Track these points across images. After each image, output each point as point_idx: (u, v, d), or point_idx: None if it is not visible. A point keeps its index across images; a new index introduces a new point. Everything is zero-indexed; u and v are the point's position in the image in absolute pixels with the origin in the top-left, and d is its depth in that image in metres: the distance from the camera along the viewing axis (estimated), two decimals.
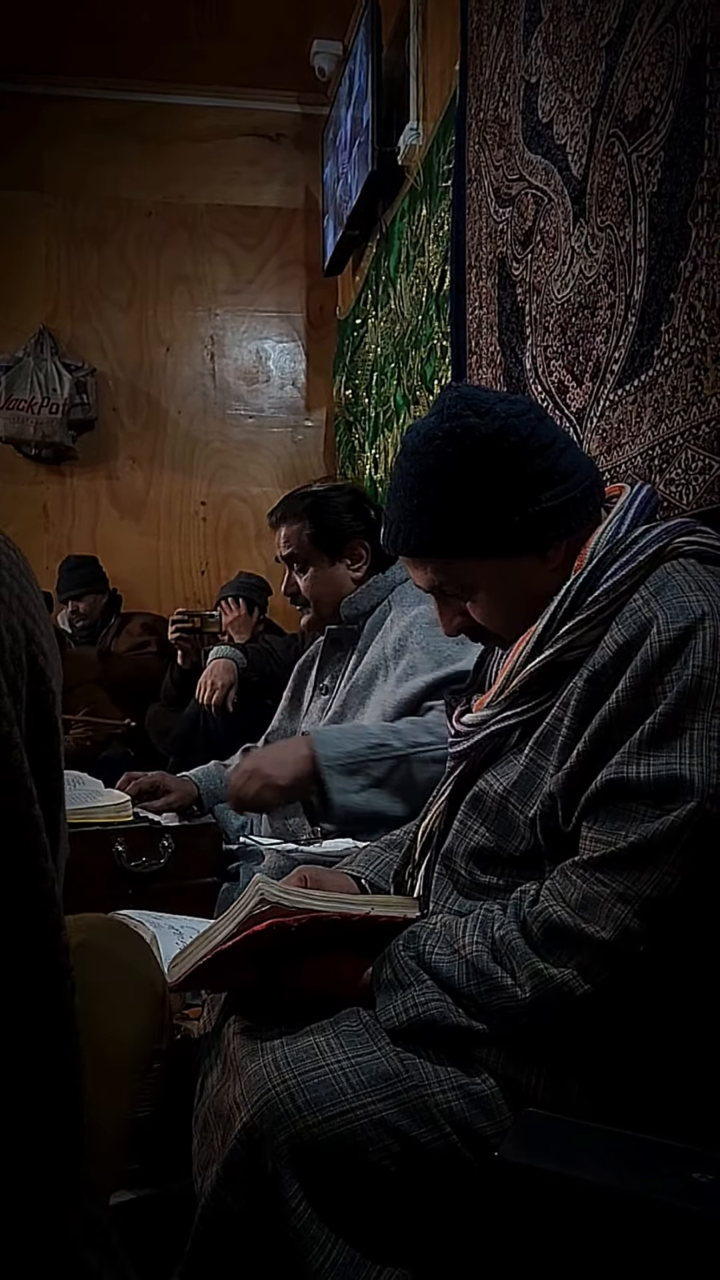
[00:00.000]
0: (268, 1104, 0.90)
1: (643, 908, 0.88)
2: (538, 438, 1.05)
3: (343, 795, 1.56)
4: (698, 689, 0.89)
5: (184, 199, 4.52)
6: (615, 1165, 0.70)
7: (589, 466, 1.12)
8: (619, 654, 0.94)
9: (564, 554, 1.07)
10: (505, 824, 1.03)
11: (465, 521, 1.05)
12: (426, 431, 1.08)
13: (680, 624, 0.92)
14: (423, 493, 1.07)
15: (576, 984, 0.89)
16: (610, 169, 1.66)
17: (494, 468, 1.04)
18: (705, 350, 1.38)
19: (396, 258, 3.21)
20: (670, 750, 0.89)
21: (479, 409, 1.05)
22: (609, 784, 0.92)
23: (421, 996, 0.96)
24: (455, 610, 1.14)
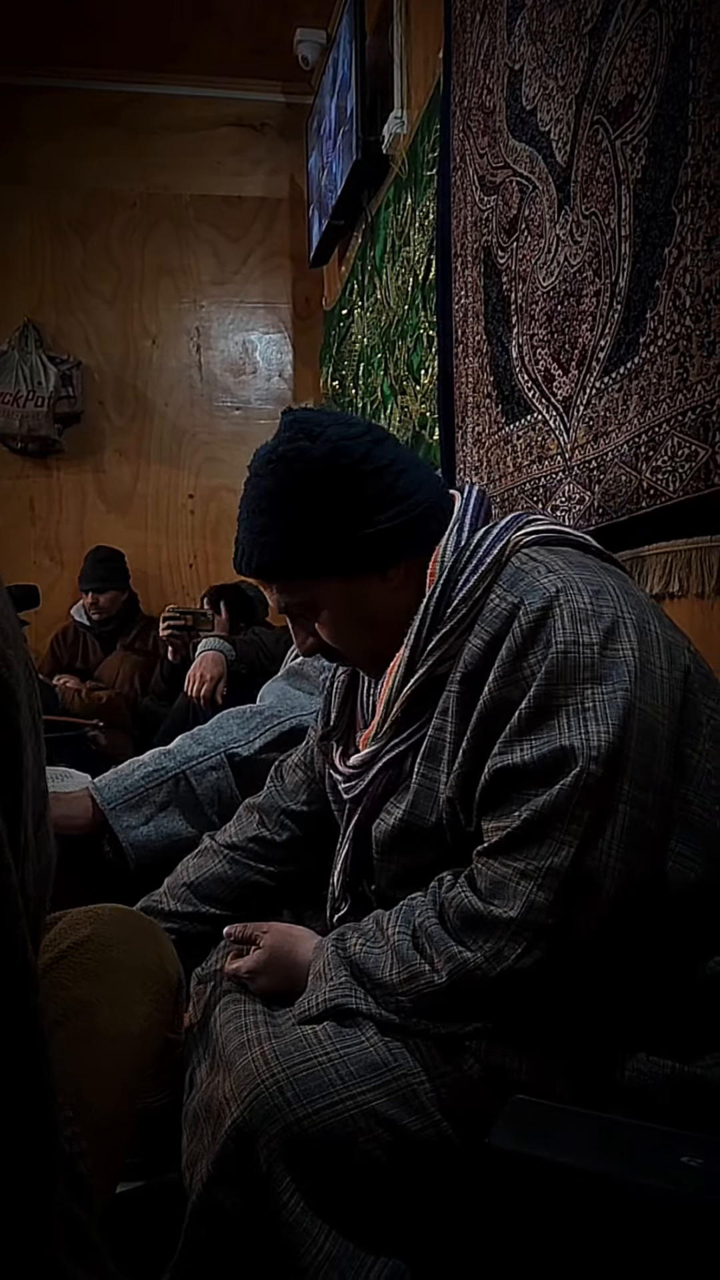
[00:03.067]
0: (258, 1099, 0.90)
1: (545, 880, 0.89)
2: (372, 460, 1.06)
3: (131, 832, 1.56)
4: (564, 664, 0.91)
5: (168, 190, 4.50)
6: (605, 1150, 0.70)
7: (433, 486, 1.11)
8: (487, 649, 0.96)
9: (404, 575, 1.08)
10: (412, 842, 1.05)
11: (303, 543, 1.06)
12: (264, 455, 1.10)
13: (538, 605, 0.94)
14: (262, 514, 1.08)
15: (490, 966, 0.90)
16: (594, 156, 1.66)
17: (326, 489, 1.04)
18: (690, 337, 1.38)
19: (382, 247, 3.20)
20: (549, 728, 0.91)
21: (311, 432, 1.06)
22: (497, 773, 0.94)
23: (332, 993, 0.98)
24: (307, 631, 1.15)
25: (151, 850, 1.58)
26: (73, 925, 0.97)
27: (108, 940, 0.96)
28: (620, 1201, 0.67)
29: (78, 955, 0.92)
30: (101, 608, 4.07)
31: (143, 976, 0.95)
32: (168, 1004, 0.98)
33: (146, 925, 1.05)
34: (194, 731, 1.68)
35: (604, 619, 0.93)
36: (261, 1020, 1.01)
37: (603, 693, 0.90)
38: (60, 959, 0.91)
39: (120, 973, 0.94)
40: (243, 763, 1.64)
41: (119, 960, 0.95)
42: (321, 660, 1.77)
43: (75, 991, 0.88)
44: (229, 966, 1.14)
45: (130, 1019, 0.91)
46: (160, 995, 0.96)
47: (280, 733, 1.68)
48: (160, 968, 0.99)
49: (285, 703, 1.72)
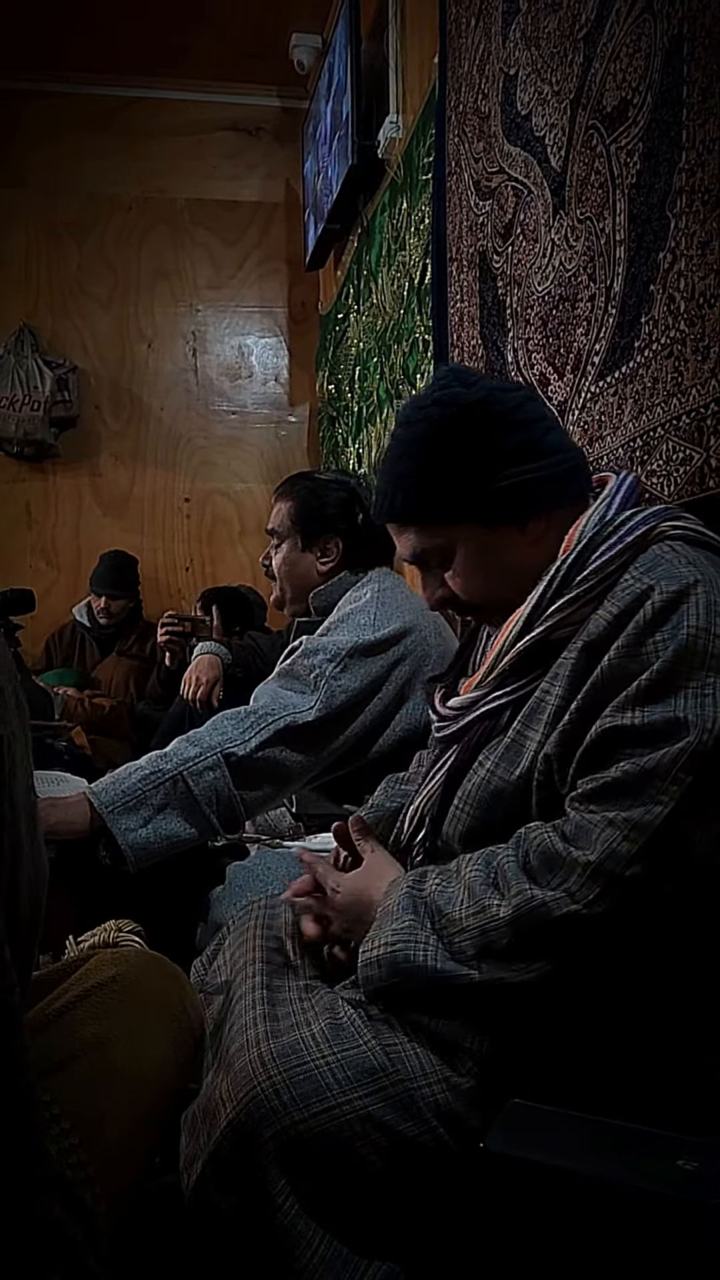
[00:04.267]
0: (253, 1100, 0.90)
1: (632, 831, 0.88)
2: (522, 412, 1.09)
3: (129, 835, 1.56)
4: (692, 648, 0.91)
5: (164, 194, 4.50)
6: (601, 1154, 0.70)
7: (575, 452, 1.14)
8: (615, 622, 0.96)
9: (545, 530, 1.09)
10: (491, 798, 1.04)
11: (445, 487, 1.08)
12: (416, 402, 1.13)
13: (674, 588, 0.93)
14: (407, 459, 1.11)
15: (556, 905, 0.90)
16: (589, 161, 1.66)
17: (475, 434, 1.07)
18: (685, 341, 1.38)
19: (378, 252, 3.20)
20: (666, 703, 0.90)
21: (466, 380, 1.10)
22: (605, 732, 0.93)
23: (393, 936, 0.97)
24: (437, 582, 1.16)
25: (151, 852, 1.58)
26: (99, 965, 0.99)
27: (132, 981, 0.98)
28: (616, 1205, 0.67)
29: (101, 994, 0.94)
30: (112, 613, 4.08)
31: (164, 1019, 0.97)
32: (188, 1048, 0.99)
33: (172, 971, 1.07)
34: (189, 734, 1.68)
35: None
36: (262, 1019, 1.00)
37: None
38: (85, 996, 0.93)
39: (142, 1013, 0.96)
40: (239, 762, 1.65)
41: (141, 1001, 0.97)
42: (312, 659, 1.79)
43: (95, 1028, 0.90)
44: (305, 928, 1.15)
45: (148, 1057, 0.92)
46: (181, 1039, 0.97)
47: (275, 730, 1.68)
48: (183, 1012, 1.00)
49: (278, 702, 1.72)
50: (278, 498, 2.07)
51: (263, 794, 1.70)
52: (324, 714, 1.73)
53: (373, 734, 1.82)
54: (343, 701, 1.76)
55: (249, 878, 1.66)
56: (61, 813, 1.56)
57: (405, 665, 1.85)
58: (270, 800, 1.75)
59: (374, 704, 1.81)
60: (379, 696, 1.82)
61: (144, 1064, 0.90)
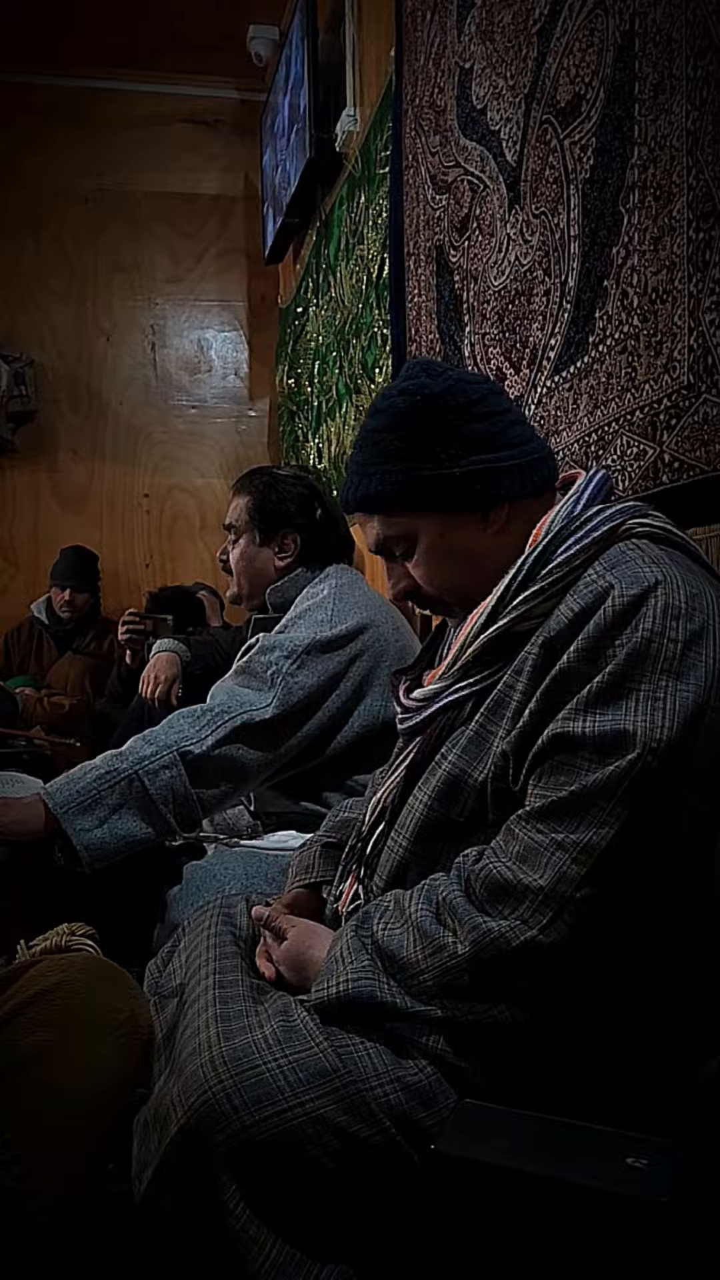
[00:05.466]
0: (204, 1105, 0.89)
1: (580, 854, 0.88)
2: (485, 404, 1.10)
3: (85, 835, 1.54)
4: (646, 651, 0.91)
5: (122, 186, 4.45)
6: (551, 1153, 0.70)
7: (541, 446, 1.15)
8: (575, 620, 0.96)
9: (507, 521, 1.09)
10: (452, 791, 1.03)
11: (406, 475, 1.09)
12: (384, 393, 1.14)
13: (634, 590, 0.93)
14: (370, 448, 1.12)
15: (514, 934, 0.89)
16: (544, 155, 1.66)
17: (436, 423, 1.08)
18: (638, 336, 1.38)
19: (336, 245, 3.19)
20: (616, 708, 0.90)
21: (432, 372, 1.11)
22: (554, 738, 0.93)
23: (353, 975, 0.96)
24: (400, 572, 1.16)
25: (106, 852, 1.56)
26: (43, 973, 0.98)
27: (76, 988, 0.96)
28: (566, 1204, 0.67)
29: (44, 1002, 0.93)
30: (76, 606, 4.03)
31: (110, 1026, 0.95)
32: (135, 1055, 0.97)
33: (119, 977, 1.05)
34: (145, 733, 1.67)
35: (694, 621, 0.93)
36: (214, 1021, 0.99)
37: (676, 689, 0.90)
38: (27, 1005, 0.92)
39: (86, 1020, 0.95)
40: (196, 760, 1.63)
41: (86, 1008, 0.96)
42: (269, 656, 1.78)
43: (37, 1037, 0.89)
44: (261, 966, 1.14)
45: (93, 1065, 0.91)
46: (128, 1046, 0.96)
47: (232, 728, 1.67)
48: (130, 1018, 0.99)
49: (235, 699, 1.71)
50: (235, 493, 2.05)
51: (220, 792, 1.68)
52: (281, 711, 1.72)
53: (330, 731, 1.81)
54: (300, 698, 1.75)
55: (206, 877, 1.65)
56: (15, 813, 1.54)
57: (363, 661, 1.85)
58: (228, 799, 1.73)
59: (332, 701, 1.80)
60: (336, 693, 1.81)
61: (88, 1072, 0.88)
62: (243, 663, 1.81)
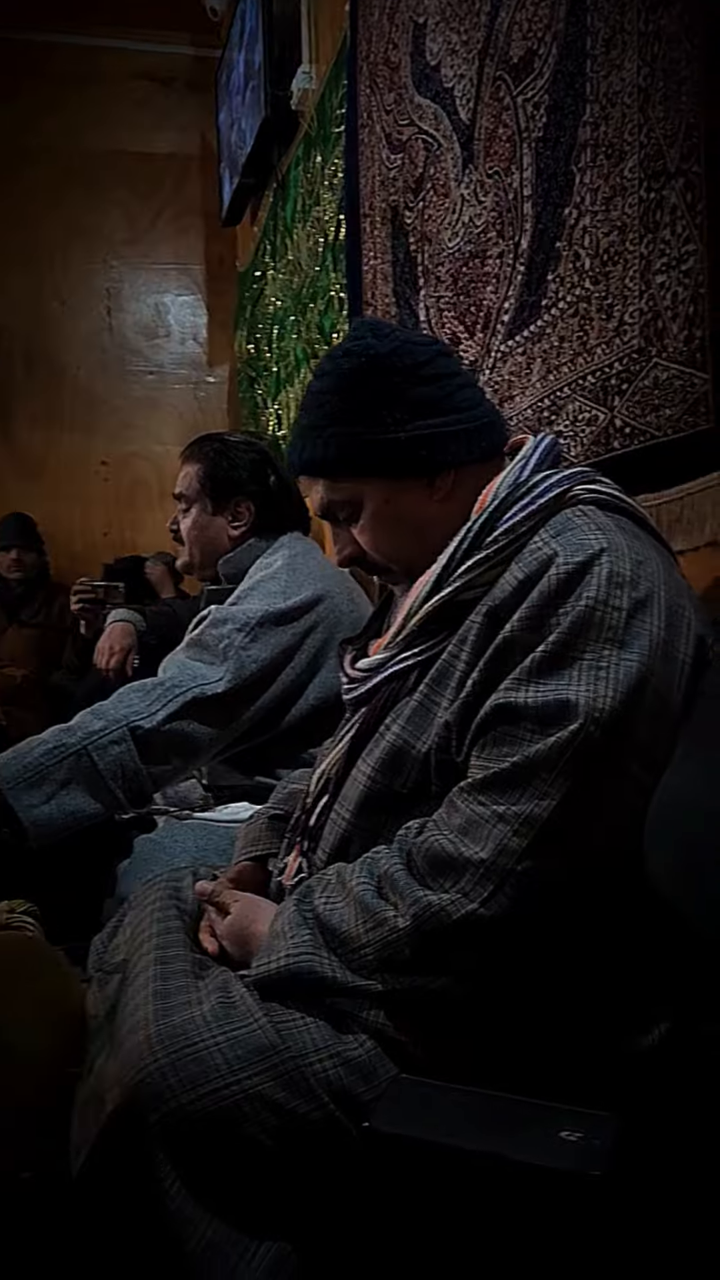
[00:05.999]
0: (140, 1084, 0.87)
1: (521, 826, 0.88)
2: (432, 366, 1.07)
3: (32, 811, 1.52)
4: (590, 620, 0.90)
5: (75, 145, 4.33)
6: (486, 1128, 0.69)
7: (489, 411, 1.13)
8: (519, 589, 0.95)
9: (453, 488, 1.08)
10: (395, 763, 1.02)
11: (350, 439, 1.07)
12: (330, 354, 1.12)
13: (578, 558, 0.92)
14: (315, 410, 1.10)
15: (454, 908, 0.88)
16: (497, 113, 1.62)
17: (382, 385, 1.06)
18: (590, 300, 1.36)
19: (293, 206, 3.13)
20: (559, 677, 0.89)
21: (379, 332, 1.09)
22: (497, 708, 0.92)
23: (294, 949, 0.95)
24: (345, 538, 1.14)
25: (54, 829, 1.53)
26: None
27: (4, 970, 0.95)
28: (500, 1179, 0.66)
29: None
30: (25, 565, 3.97)
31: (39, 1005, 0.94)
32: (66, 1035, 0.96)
33: (48, 956, 1.03)
34: (95, 707, 1.64)
35: (639, 589, 0.92)
36: (153, 998, 0.97)
37: (620, 658, 0.89)
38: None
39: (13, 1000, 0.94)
40: (146, 735, 1.60)
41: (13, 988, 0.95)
42: (221, 629, 1.75)
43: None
44: (204, 941, 1.12)
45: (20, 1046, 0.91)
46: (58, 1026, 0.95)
47: (183, 703, 1.64)
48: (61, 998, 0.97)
49: (186, 673, 1.68)
50: (185, 460, 2.00)
51: (171, 768, 1.66)
52: (233, 685, 1.69)
53: (284, 705, 1.79)
54: (253, 672, 1.72)
55: (156, 851, 1.63)
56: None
57: (318, 634, 1.82)
58: (178, 774, 1.71)
59: (285, 674, 1.78)
60: (291, 666, 1.78)
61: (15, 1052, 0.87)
62: (194, 635, 1.78)
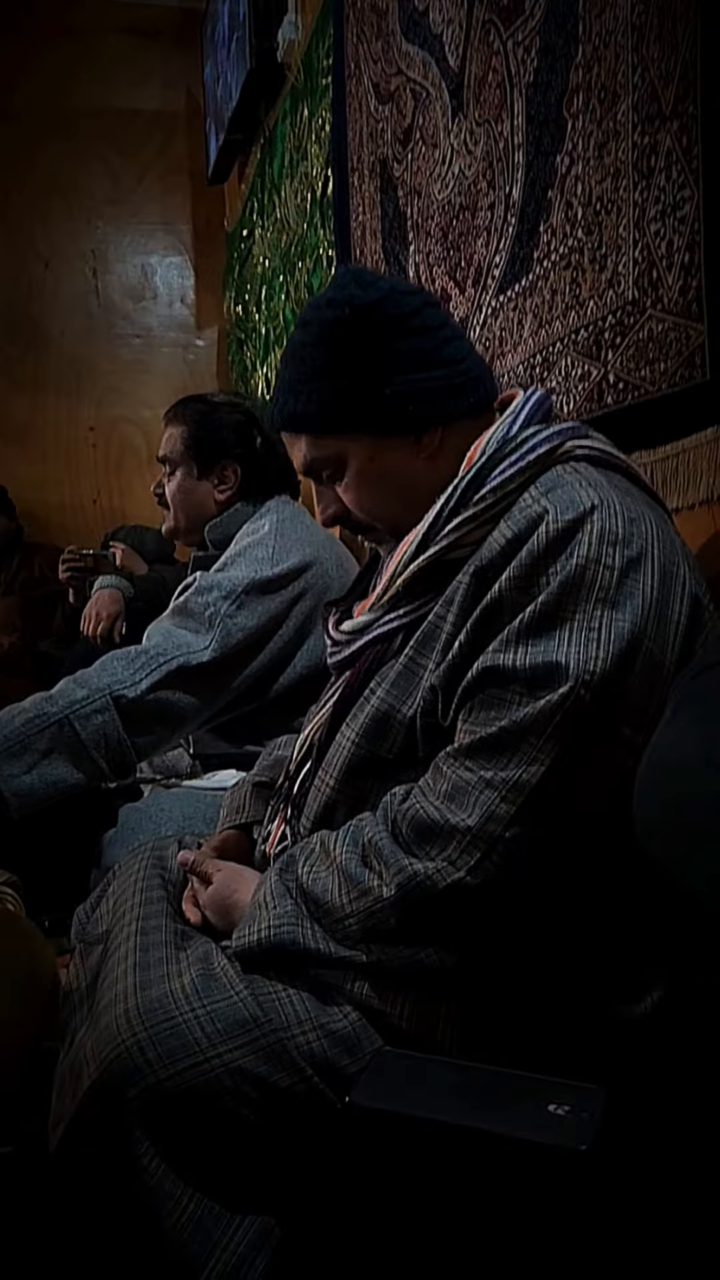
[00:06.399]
0: (117, 1059, 0.85)
1: (510, 792, 0.85)
2: (420, 318, 1.03)
3: (13, 781, 1.50)
4: (581, 579, 0.87)
5: (56, 101, 4.21)
6: (471, 1102, 0.67)
7: (479, 364, 1.09)
8: (507, 547, 0.92)
9: (440, 445, 1.04)
10: (380, 728, 1.00)
11: (333, 393, 1.03)
12: (312, 303, 1.08)
13: (569, 516, 0.89)
14: (297, 363, 1.06)
15: (440, 876, 0.86)
16: (486, 59, 1.57)
17: (368, 337, 1.02)
18: (583, 250, 1.32)
19: (280, 162, 3.05)
20: (549, 638, 0.87)
21: (364, 281, 1.04)
22: (484, 671, 0.90)
23: (276, 920, 0.93)
24: (329, 496, 1.11)
25: (36, 799, 1.51)
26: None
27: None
28: (484, 1154, 0.64)
29: None
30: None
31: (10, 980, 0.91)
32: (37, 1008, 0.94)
33: (21, 928, 1.02)
34: (77, 675, 1.60)
35: (632, 547, 0.89)
36: (132, 970, 0.95)
37: (612, 618, 0.86)
38: None
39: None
40: (129, 705, 1.58)
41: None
42: (207, 597, 1.71)
43: None
44: (187, 911, 1.10)
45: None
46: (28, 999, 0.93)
47: (168, 672, 1.61)
48: (32, 970, 0.95)
49: (171, 641, 1.65)
50: (168, 422, 1.96)
51: (155, 738, 1.63)
52: (219, 654, 1.66)
53: (272, 673, 1.76)
54: (239, 640, 1.69)
55: (142, 819, 1.61)
56: None
57: (306, 601, 1.78)
58: (163, 744, 1.69)
59: (273, 643, 1.75)
60: (278, 635, 1.75)
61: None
62: (180, 602, 1.74)
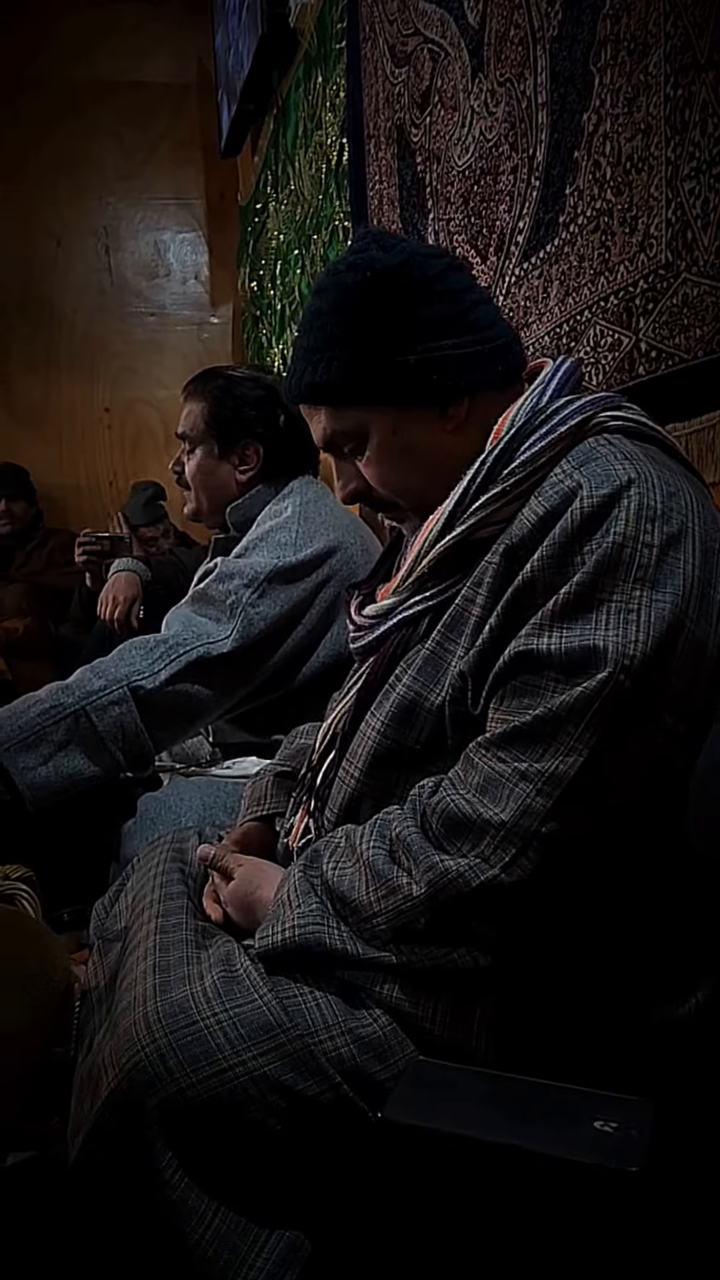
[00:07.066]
0: (136, 1067, 0.82)
1: (546, 784, 0.81)
2: (444, 281, 0.98)
3: (28, 774, 1.46)
4: (618, 558, 0.82)
5: (63, 75, 4.15)
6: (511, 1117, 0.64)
7: (505, 329, 1.03)
8: (539, 525, 0.87)
9: (467, 417, 0.99)
10: (406, 716, 0.95)
11: (356, 362, 0.98)
12: (331, 267, 1.02)
13: (605, 491, 0.84)
14: (315, 330, 1.00)
15: (473, 874, 0.82)
16: (508, 13, 1.50)
17: (390, 303, 0.96)
18: (612, 213, 1.26)
19: (294, 132, 2.98)
20: (585, 621, 0.82)
21: (385, 244, 0.98)
22: (517, 656, 0.85)
23: (301, 919, 0.89)
24: (350, 471, 1.06)
25: (51, 791, 1.47)
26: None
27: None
28: (529, 1175, 0.61)
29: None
30: (15, 516, 3.88)
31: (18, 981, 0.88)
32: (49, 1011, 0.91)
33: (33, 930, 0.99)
34: (95, 664, 1.56)
35: (671, 523, 0.84)
36: (152, 971, 0.92)
37: (651, 599, 0.81)
38: None
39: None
40: (148, 696, 1.53)
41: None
42: (228, 585, 1.66)
43: None
44: (208, 908, 1.07)
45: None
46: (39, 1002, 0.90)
47: (188, 663, 1.56)
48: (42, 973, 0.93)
49: (191, 630, 1.60)
50: (188, 397, 1.87)
51: (173, 730, 1.59)
52: (240, 644, 1.61)
53: (295, 662, 1.71)
54: (261, 630, 1.63)
55: (161, 809, 1.57)
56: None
57: (331, 587, 1.72)
58: (182, 735, 1.64)
59: (297, 631, 1.69)
60: (302, 623, 1.69)
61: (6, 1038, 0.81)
62: (200, 589, 1.69)
